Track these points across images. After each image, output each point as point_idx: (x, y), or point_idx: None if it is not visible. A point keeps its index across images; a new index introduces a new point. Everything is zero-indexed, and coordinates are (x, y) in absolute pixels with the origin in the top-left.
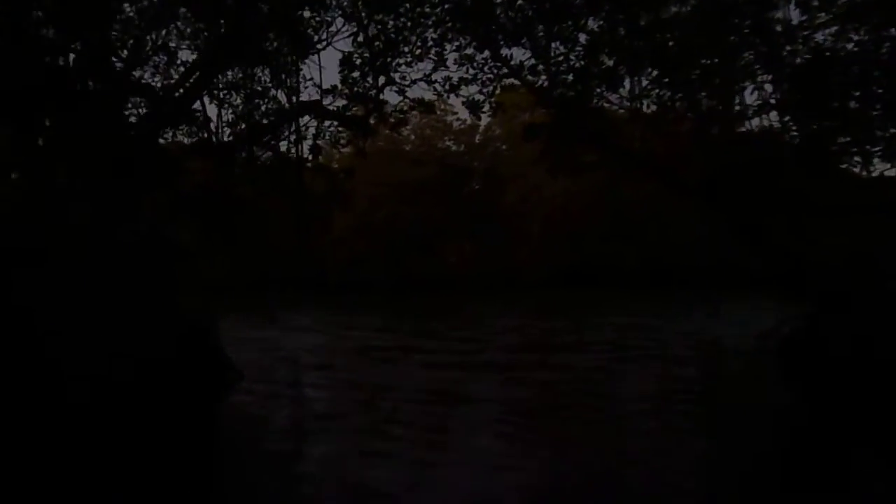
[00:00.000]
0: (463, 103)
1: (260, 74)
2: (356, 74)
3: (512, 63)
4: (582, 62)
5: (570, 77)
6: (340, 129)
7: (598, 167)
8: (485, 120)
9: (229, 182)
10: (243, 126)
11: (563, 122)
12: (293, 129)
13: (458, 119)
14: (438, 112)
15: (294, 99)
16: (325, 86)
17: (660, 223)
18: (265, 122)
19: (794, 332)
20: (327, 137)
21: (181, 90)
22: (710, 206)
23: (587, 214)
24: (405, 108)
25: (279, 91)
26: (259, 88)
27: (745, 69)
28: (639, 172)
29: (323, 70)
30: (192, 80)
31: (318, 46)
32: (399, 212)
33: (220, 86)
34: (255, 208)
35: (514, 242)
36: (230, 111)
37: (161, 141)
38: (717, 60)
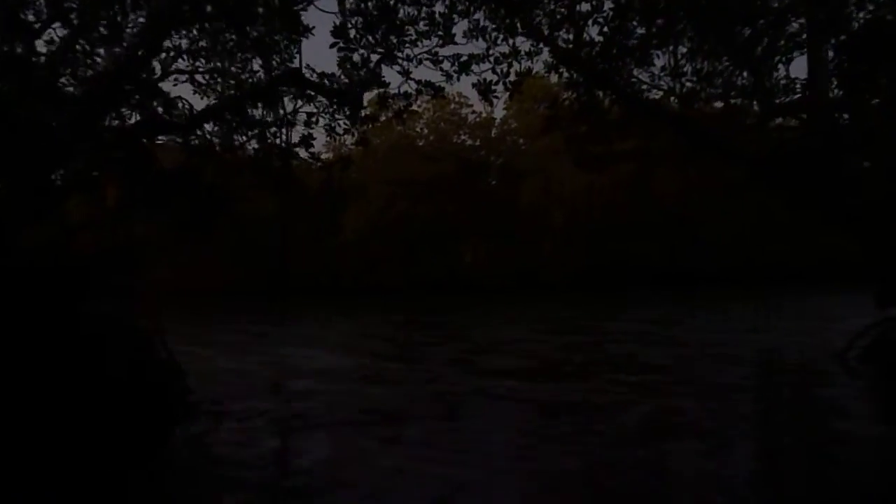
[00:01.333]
0: (473, 85)
1: (245, 55)
2: (351, 47)
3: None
4: (611, 25)
5: (597, 49)
6: (335, 113)
7: (632, 156)
8: (500, 114)
9: (203, 172)
10: (213, 103)
11: (591, 100)
12: (279, 113)
13: (473, 112)
14: (453, 105)
15: (270, 70)
16: (311, 60)
17: (689, 221)
18: (233, 93)
19: (881, 342)
20: (321, 124)
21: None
22: (782, 189)
23: (611, 211)
24: (411, 91)
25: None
26: (240, 66)
27: (793, 37)
28: (694, 151)
29: (309, 37)
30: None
31: (296, 7)
32: (413, 210)
33: (202, 69)
34: (234, 203)
35: (533, 241)
36: (212, 98)
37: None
38: (761, 26)
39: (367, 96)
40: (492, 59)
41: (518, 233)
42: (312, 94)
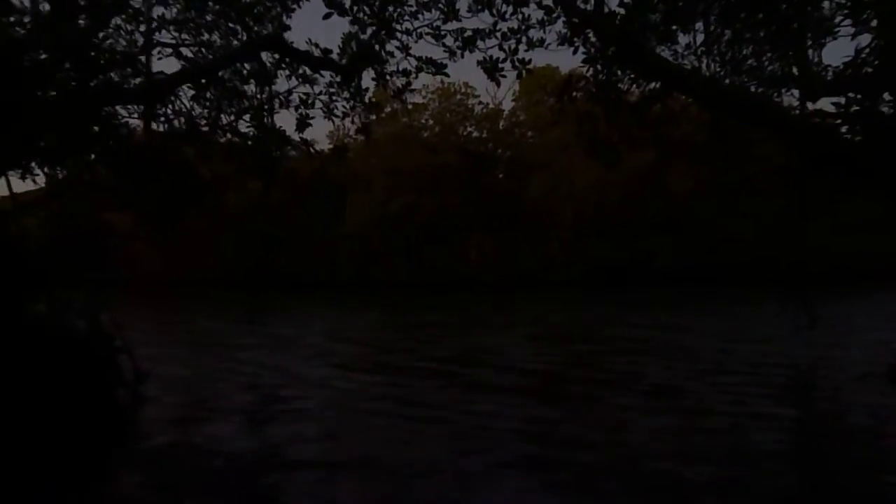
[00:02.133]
0: (479, 63)
1: (230, 25)
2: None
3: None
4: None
5: (617, 21)
6: (333, 95)
7: (651, 142)
8: (508, 105)
9: (181, 152)
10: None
11: (609, 78)
12: (267, 90)
13: (480, 103)
14: (459, 96)
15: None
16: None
17: (704, 218)
18: (206, 56)
19: None
20: (319, 107)
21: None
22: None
23: (623, 208)
24: (410, 69)
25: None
26: (225, 38)
27: (823, 22)
28: (720, 136)
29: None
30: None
31: None
32: (416, 202)
33: (188, 42)
34: (218, 188)
35: (541, 237)
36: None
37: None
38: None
39: (364, 82)
40: (499, 34)
41: (525, 229)
42: (308, 72)
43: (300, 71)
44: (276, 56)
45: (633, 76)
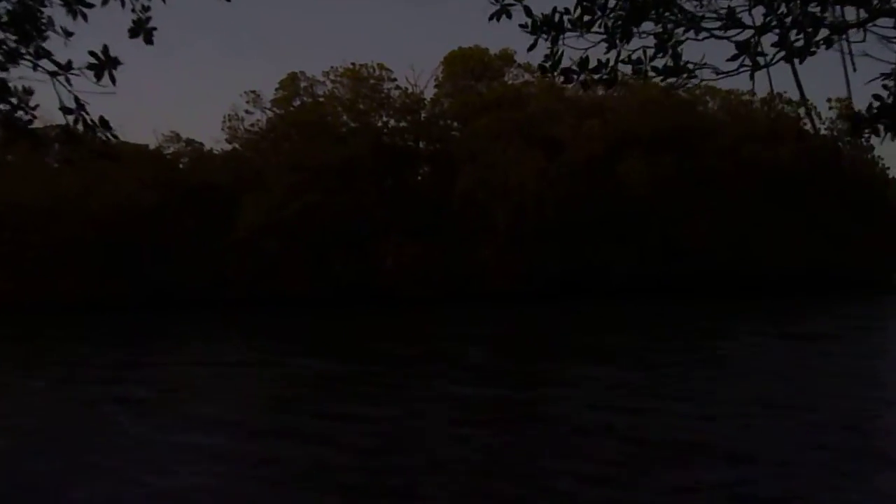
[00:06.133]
0: None
1: None
2: None
3: None
4: None
5: None
6: None
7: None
8: (430, 93)
9: None
10: None
11: None
12: None
13: (397, 87)
14: (372, 81)
15: None
16: None
17: (662, 217)
18: None
19: None
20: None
21: None
22: None
23: (570, 205)
24: None
25: None
26: None
27: None
28: None
29: None
30: None
31: None
32: (322, 202)
33: None
34: None
35: (471, 241)
36: None
37: None
38: None
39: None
40: None
41: (451, 232)
42: None
43: None
44: None
45: None
